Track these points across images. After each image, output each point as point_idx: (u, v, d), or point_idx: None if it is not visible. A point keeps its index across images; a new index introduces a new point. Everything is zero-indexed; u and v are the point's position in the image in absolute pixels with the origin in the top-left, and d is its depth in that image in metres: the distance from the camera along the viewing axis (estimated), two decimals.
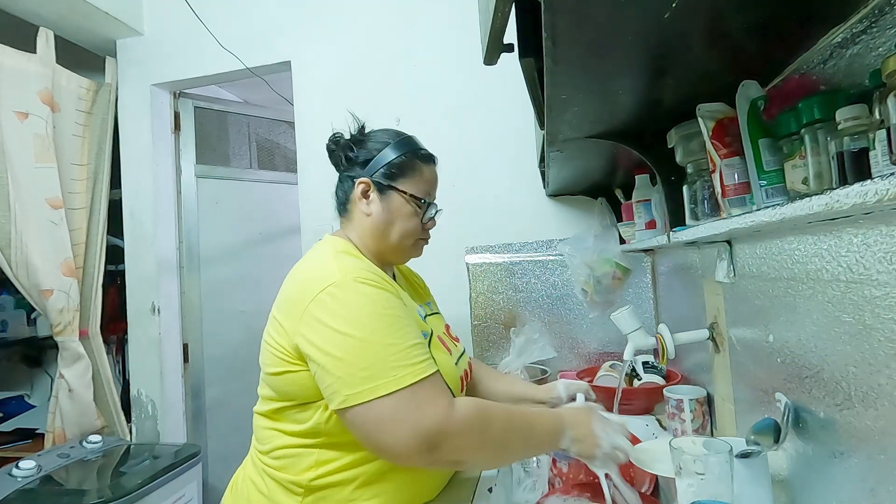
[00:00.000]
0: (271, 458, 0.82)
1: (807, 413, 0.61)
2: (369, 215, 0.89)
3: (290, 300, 0.79)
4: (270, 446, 0.82)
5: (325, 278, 0.75)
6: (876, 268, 0.45)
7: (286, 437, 0.81)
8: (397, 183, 0.89)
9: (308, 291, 0.75)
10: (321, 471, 0.78)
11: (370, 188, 0.89)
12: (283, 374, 0.77)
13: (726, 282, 0.84)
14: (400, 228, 0.89)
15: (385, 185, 0.88)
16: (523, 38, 0.56)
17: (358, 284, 0.75)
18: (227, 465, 2.11)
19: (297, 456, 0.79)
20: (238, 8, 1.95)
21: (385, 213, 0.88)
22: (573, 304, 1.62)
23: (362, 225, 0.90)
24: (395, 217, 0.88)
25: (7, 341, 2.34)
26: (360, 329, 0.71)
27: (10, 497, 1.37)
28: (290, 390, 0.78)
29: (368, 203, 0.89)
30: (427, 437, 0.68)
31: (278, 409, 0.81)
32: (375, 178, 0.89)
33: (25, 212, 1.67)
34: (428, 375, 0.71)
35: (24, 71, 1.72)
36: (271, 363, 0.79)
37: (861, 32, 0.48)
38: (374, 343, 0.70)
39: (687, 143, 0.78)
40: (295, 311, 0.75)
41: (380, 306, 0.74)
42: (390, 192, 0.89)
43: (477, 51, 0.73)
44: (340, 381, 0.69)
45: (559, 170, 1.23)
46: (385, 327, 0.72)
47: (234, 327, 2.24)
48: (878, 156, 0.40)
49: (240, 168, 2.35)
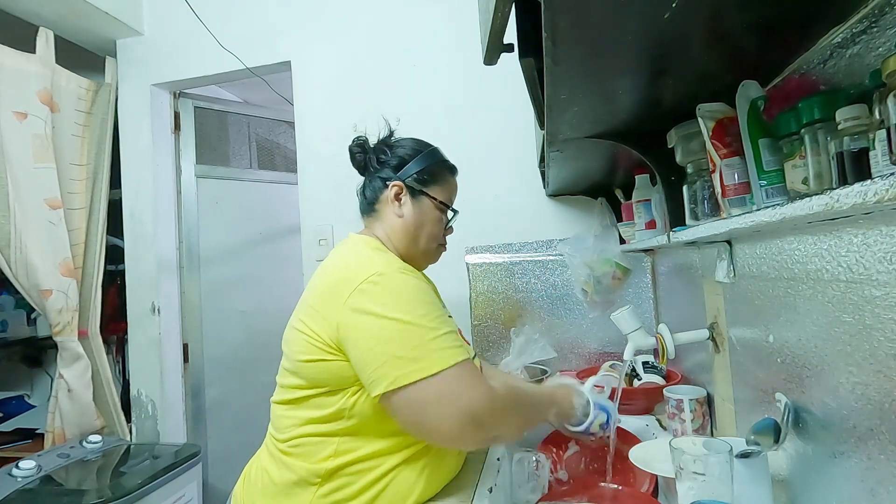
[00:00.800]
0: (290, 446, 0.82)
1: (807, 413, 0.61)
2: (401, 217, 0.93)
3: (329, 289, 0.80)
4: (290, 434, 0.82)
5: (369, 268, 0.77)
6: (876, 268, 0.45)
7: (307, 425, 0.81)
8: (429, 189, 0.95)
9: (350, 280, 0.76)
10: (340, 461, 0.79)
11: (402, 191, 0.93)
12: (317, 361, 0.78)
13: (726, 282, 0.84)
14: (428, 232, 0.95)
15: (417, 189, 0.94)
16: (523, 38, 0.56)
17: (401, 274, 0.78)
18: (227, 465, 2.12)
19: (317, 444, 0.80)
20: (238, 8, 1.95)
21: (416, 216, 0.93)
22: (573, 304, 1.62)
23: (392, 226, 0.94)
24: (424, 221, 0.94)
25: (7, 341, 2.34)
26: (405, 314, 0.73)
27: (10, 497, 1.37)
28: (322, 378, 0.79)
29: (401, 206, 0.93)
30: (475, 415, 0.70)
31: (303, 396, 0.81)
32: (408, 182, 0.94)
33: (25, 212, 1.67)
34: (468, 358, 0.74)
35: (23, 71, 1.71)
36: (304, 350, 0.79)
37: (861, 32, 0.48)
38: (419, 326, 0.73)
39: (687, 143, 0.78)
40: (336, 299, 0.76)
41: (422, 294, 0.77)
42: (422, 197, 0.94)
43: (477, 51, 0.73)
44: (387, 364, 0.71)
45: (559, 170, 1.23)
46: (428, 313, 0.75)
47: (234, 327, 2.24)
48: (878, 156, 0.40)
49: (240, 168, 2.35)
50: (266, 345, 1.85)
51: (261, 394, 1.05)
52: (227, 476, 2.09)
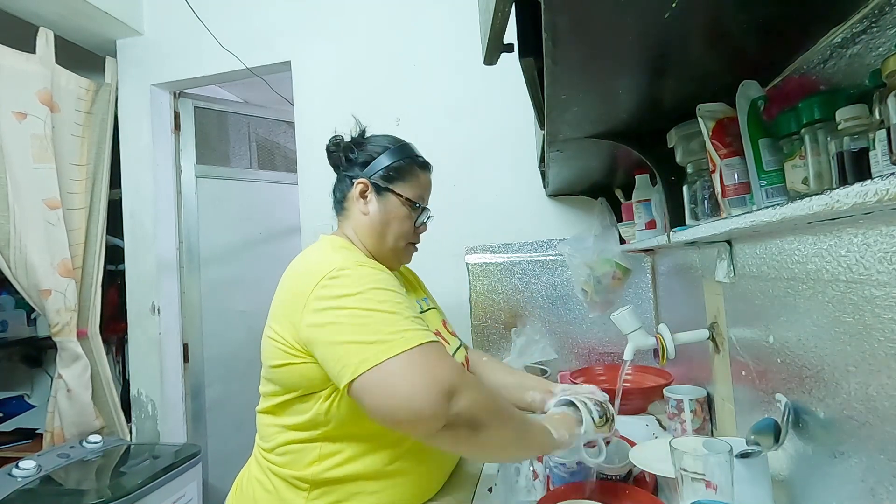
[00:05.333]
0: (275, 455, 0.82)
1: (807, 413, 0.61)
2: (366, 214, 0.92)
3: (292, 292, 0.79)
4: (274, 443, 0.82)
5: (328, 266, 0.76)
6: (876, 268, 0.45)
7: (289, 432, 0.81)
8: (394, 186, 0.92)
9: (310, 281, 0.75)
10: (325, 465, 0.79)
11: (368, 189, 0.92)
12: (285, 365, 0.78)
13: (726, 282, 0.84)
14: (395, 230, 0.92)
15: (383, 186, 0.92)
16: (523, 38, 0.56)
17: (360, 267, 0.77)
18: (228, 465, 2.11)
19: (300, 451, 0.80)
20: (238, 8, 1.95)
21: (381, 213, 0.91)
22: (573, 304, 1.62)
23: (359, 223, 0.92)
24: (390, 218, 0.92)
25: (7, 341, 2.34)
26: (365, 302, 0.72)
27: (10, 497, 1.37)
28: (292, 381, 0.79)
29: (366, 203, 0.92)
30: (443, 385, 0.66)
31: (281, 403, 0.81)
32: (374, 179, 0.92)
33: (24, 212, 1.67)
34: (434, 340, 0.72)
35: (23, 71, 1.71)
36: (274, 356, 0.79)
37: (861, 32, 0.48)
38: (380, 311, 0.71)
39: (687, 143, 0.78)
40: (298, 301, 0.76)
41: (382, 283, 0.76)
42: (387, 194, 0.92)
43: (477, 51, 0.73)
44: (349, 353, 0.69)
45: (559, 170, 1.23)
46: (389, 299, 0.73)
47: (234, 327, 2.24)
48: (878, 156, 0.40)
49: (240, 168, 2.35)
50: None
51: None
52: (227, 476, 2.08)
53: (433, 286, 1.18)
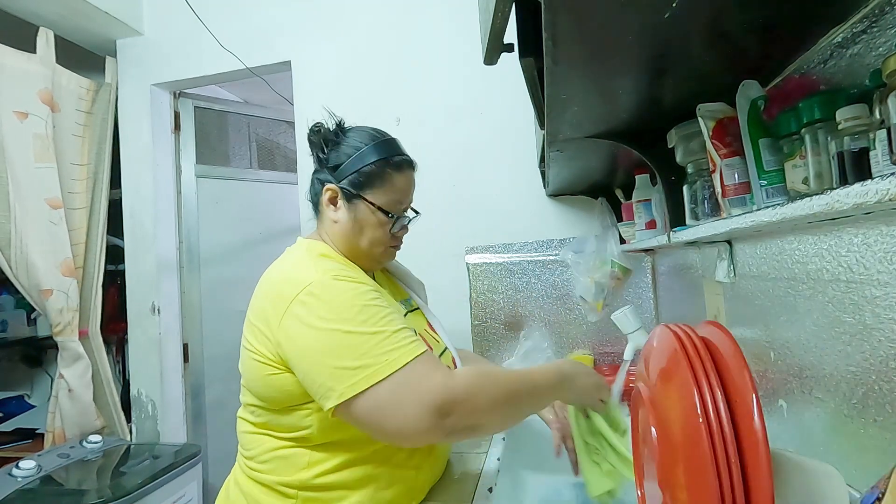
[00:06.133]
0: (258, 463, 0.81)
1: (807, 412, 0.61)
2: (336, 222, 0.87)
3: (267, 304, 0.77)
4: (258, 450, 0.81)
5: (303, 280, 0.74)
6: (876, 268, 0.45)
7: (275, 440, 0.80)
8: (364, 193, 0.85)
9: (286, 295, 0.73)
10: (315, 471, 0.77)
11: (338, 195, 0.87)
12: (263, 377, 0.76)
13: (726, 282, 0.84)
14: (368, 237, 0.87)
15: (353, 193, 0.86)
16: (523, 38, 0.56)
17: (336, 282, 0.74)
18: (228, 466, 2.08)
19: (288, 457, 0.78)
20: (238, 8, 1.95)
21: (352, 221, 0.86)
22: (573, 304, 1.62)
23: (332, 230, 0.89)
24: (363, 226, 0.86)
25: (7, 341, 2.34)
26: (344, 323, 0.70)
27: (10, 497, 1.37)
28: (272, 395, 0.77)
29: (336, 210, 0.87)
30: (435, 406, 0.66)
31: (261, 415, 0.80)
32: (343, 185, 0.86)
33: (25, 212, 1.67)
34: (420, 354, 0.70)
35: (24, 71, 1.71)
36: (251, 368, 0.78)
37: (861, 32, 0.48)
38: (360, 334, 0.69)
39: (687, 143, 0.78)
40: (274, 315, 0.74)
41: (361, 299, 0.73)
42: (357, 202, 0.86)
43: (477, 51, 0.73)
44: (332, 377, 0.68)
45: (559, 170, 1.23)
46: (370, 318, 0.71)
47: (234, 327, 2.21)
48: (878, 156, 0.40)
49: (240, 168, 2.35)
50: None
51: None
52: (226, 476, 2.08)
53: (433, 286, 1.17)
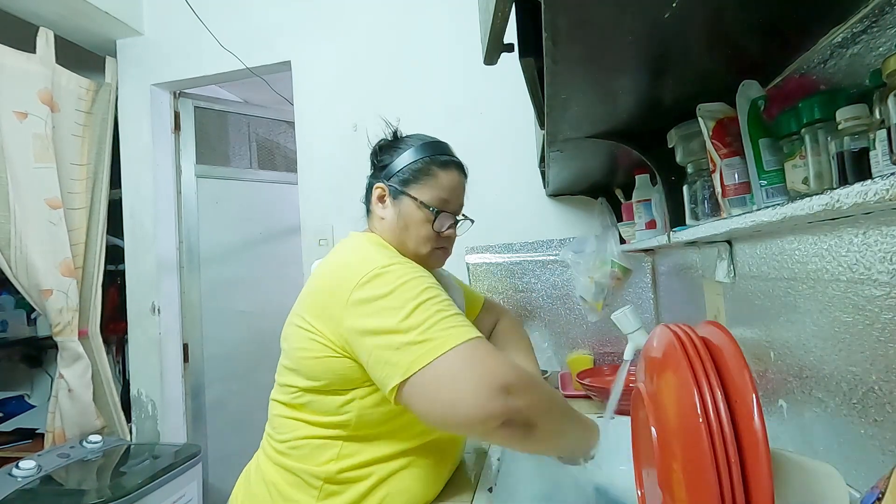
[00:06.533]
0: (289, 448, 0.80)
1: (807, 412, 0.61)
2: (383, 219, 0.90)
3: (332, 287, 0.77)
4: (290, 436, 0.81)
5: (369, 264, 0.75)
6: (876, 268, 0.45)
7: (309, 427, 0.80)
8: (409, 188, 0.88)
9: (352, 278, 0.74)
10: (343, 464, 0.78)
11: (385, 193, 0.90)
12: (320, 358, 0.76)
13: (726, 282, 0.84)
14: (413, 235, 0.88)
15: (399, 190, 0.88)
16: (523, 38, 0.56)
17: (401, 266, 0.76)
18: (228, 465, 2.11)
19: (320, 447, 0.79)
20: (238, 8, 1.95)
21: (398, 218, 0.88)
22: (573, 304, 1.62)
23: (382, 228, 0.91)
24: (408, 223, 0.88)
25: (7, 341, 2.34)
26: (411, 301, 0.71)
27: (10, 497, 1.37)
28: (323, 376, 0.77)
29: (384, 207, 0.90)
30: (498, 383, 0.66)
31: (303, 397, 0.80)
32: (391, 182, 0.89)
33: (25, 212, 1.67)
34: (481, 336, 0.71)
35: (23, 71, 1.71)
36: (306, 347, 0.78)
37: (861, 32, 0.48)
38: (426, 310, 0.70)
39: (687, 143, 0.78)
40: (339, 297, 0.74)
41: (425, 283, 0.74)
42: (402, 197, 0.88)
43: (477, 51, 0.73)
44: (399, 352, 0.68)
45: (559, 170, 1.23)
46: (434, 297, 0.72)
47: (234, 327, 2.24)
48: (878, 156, 0.40)
49: (240, 168, 2.35)
50: (266, 345, 1.85)
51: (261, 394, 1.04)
52: (227, 476, 2.08)
53: None
